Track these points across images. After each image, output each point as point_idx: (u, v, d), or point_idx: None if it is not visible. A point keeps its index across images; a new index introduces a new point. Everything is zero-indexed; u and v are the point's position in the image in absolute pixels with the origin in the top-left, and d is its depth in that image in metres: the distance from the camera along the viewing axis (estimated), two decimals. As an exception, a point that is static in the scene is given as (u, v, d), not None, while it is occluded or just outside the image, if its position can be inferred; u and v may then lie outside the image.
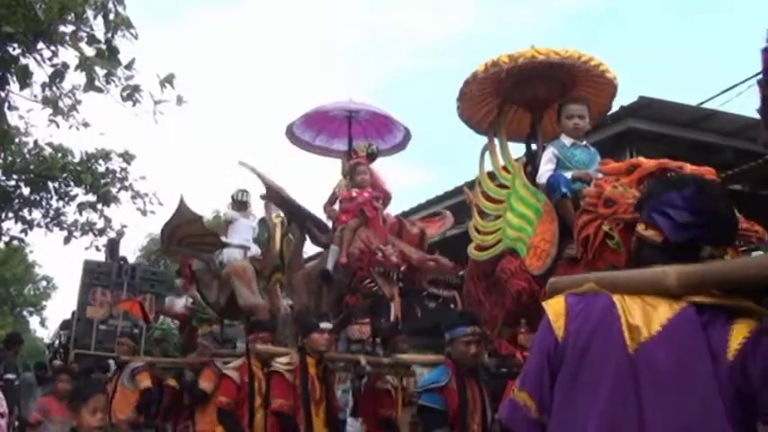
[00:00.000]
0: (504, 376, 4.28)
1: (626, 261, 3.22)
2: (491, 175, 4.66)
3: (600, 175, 3.91)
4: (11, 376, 9.26)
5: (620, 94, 4.64)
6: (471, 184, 5.38)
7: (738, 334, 1.60)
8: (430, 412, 3.83)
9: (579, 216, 3.59)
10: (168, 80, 6.78)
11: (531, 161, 4.53)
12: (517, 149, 4.82)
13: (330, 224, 6.23)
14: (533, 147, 4.64)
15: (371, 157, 6.06)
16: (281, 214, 6.63)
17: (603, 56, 4.18)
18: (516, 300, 4.08)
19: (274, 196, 6.30)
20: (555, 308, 1.87)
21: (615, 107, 5.55)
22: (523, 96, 4.62)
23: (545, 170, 4.21)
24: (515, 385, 1.96)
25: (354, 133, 6.66)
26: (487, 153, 4.68)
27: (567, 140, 4.31)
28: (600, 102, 4.68)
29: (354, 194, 5.81)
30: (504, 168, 4.55)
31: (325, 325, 5.02)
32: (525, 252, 4.10)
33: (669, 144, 7.31)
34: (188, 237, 7.04)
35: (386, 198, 5.99)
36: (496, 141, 4.66)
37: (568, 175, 4.08)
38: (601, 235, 3.41)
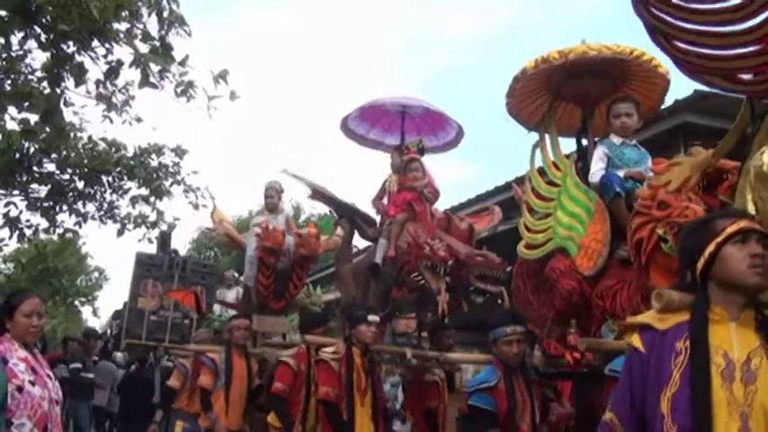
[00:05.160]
0: (552, 376, 4.24)
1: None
2: (540, 172, 4.62)
3: (651, 174, 3.85)
4: (77, 365, 9.45)
5: (674, 87, 4.52)
6: (520, 180, 5.34)
7: None
8: (480, 413, 3.76)
9: (632, 218, 3.53)
10: (222, 76, 6.81)
11: (583, 157, 4.48)
12: (568, 144, 4.77)
13: (378, 218, 6.27)
14: (584, 142, 4.59)
15: (421, 153, 6.08)
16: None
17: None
18: (566, 300, 4.04)
19: (319, 196, 6.41)
20: None
21: (669, 101, 5.44)
22: (574, 92, 4.56)
23: (596, 169, 4.16)
24: None
25: (408, 129, 6.64)
26: (538, 150, 4.65)
27: (616, 139, 4.25)
28: (653, 96, 4.59)
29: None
30: (555, 165, 4.51)
31: (372, 318, 5.03)
32: (576, 251, 4.05)
33: (725, 139, 7.12)
34: None
35: (435, 194, 5.99)
36: (547, 138, 4.62)
37: (620, 173, 4.02)
38: (654, 238, 3.35)
